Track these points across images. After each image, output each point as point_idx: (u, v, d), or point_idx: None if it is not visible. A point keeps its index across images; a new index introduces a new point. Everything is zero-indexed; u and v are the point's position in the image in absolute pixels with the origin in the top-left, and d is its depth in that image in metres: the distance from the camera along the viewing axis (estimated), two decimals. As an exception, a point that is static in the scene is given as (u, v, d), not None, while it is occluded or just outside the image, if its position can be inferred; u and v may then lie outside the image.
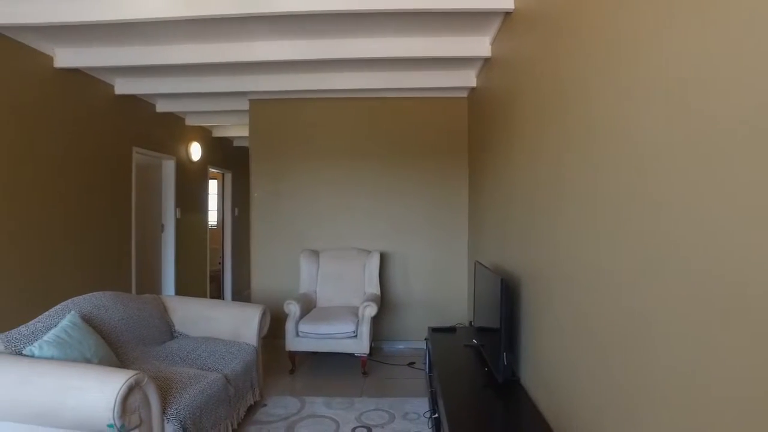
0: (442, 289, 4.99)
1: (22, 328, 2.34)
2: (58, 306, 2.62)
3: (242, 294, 7.88)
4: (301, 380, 4.01)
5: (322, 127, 5.07)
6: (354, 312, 4.20)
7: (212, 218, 7.66)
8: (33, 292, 3.62)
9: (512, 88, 2.96)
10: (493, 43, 3.53)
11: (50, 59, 3.80)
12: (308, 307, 4.34)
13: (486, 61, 3.83)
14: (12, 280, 3.43)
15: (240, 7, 2.83)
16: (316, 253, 4.76)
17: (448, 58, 3.89)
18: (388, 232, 5.01)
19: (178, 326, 3.45)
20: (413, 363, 4.45)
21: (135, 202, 4.94)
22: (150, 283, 5.47)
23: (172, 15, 2.87)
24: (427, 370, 3.76)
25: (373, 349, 4.57)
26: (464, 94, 4.93)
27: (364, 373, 4.11)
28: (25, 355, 2.16)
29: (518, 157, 2.80)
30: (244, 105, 5.25)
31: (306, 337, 4.03)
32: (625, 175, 1.46)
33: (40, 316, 2.50)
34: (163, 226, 5.73)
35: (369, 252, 4.77)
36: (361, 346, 4.02)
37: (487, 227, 3.82)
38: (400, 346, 4.97)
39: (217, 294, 7.58)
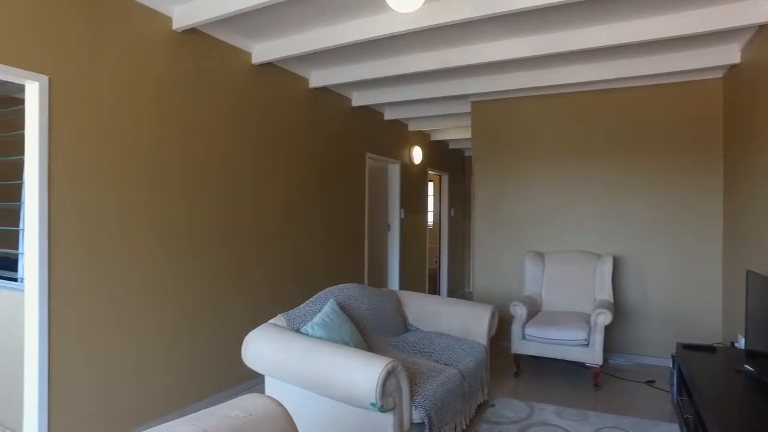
0: (686, 300, 4.32)
1: (297, 311, 2.77)
2: (318, 294, 3.04)
3: (457, 293, 8.09)
4: (526, 384, 3.90)
5: (545, 124, 4.87)
6: (584, 318, 3.92)
7: (429, 219, 8.04)
8: (297, 281, 4.30)
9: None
10: (774, 5, 2.90)
11: (307, 81, 4.46)
12: (534, 310, 4.21)
13: (761, 28, 3.17)
14: (283, 270, 4.14)
15: (478, 10, 2.87)
16: (541, 255, 4.59)
17: (700, 35, 3.34)
18: (619, 234, 4.55)
19: (411, 320, 3.68)
20: (653, 381, 3.95)
21: (368, 204, 5.47)
22: (378, 279, 5.99)
23: (416, 26, 3.06)
24: (675, 392, 3.29)
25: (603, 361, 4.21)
26: (718, 75, 4.18)
27: (596, 386, 3.81)
28: (302, 333, 2.55)
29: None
30: (465, 107, 5.37)
31: (533, 340, 3.91)
32: None
33: (307, 301, 2.93)
34: (389, 225, 6.23)
35: (599, 256, 4.40)
36: (593, 356, 3.73)
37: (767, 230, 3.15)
38: (634, 360, 4.47)
39: (434, 292, 7.92)
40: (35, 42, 2.48)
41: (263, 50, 3.76)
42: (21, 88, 3.40)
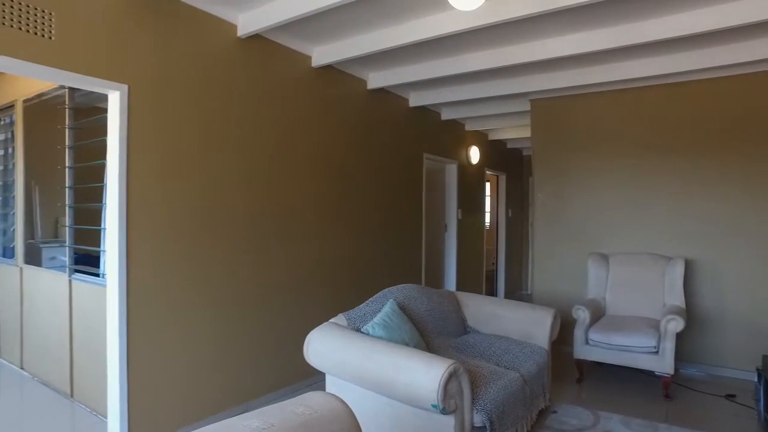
0: (773, 309, 4.01)
1: (357, 310, 2.81)
2: (378, 294, 3.06)
3: (514, 295, 7.92)
4: (589, 391, 3.76)
5: (610, 121, 4.67)
6: (653, 324, 3.73)
7: (486, 219, 7.92)
8: (356, 280, 4.37)
9: None
10: None
11: (365, 83, 4.51)
12: (597, 314, 4.04)
13: None
14: (342, 270, 4.21)
15: (544, 4, 2.78)
16: (605, 257, 4.41)
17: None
18: (691, 235, 4.29)
19: (470, 321, 3.64)
20: (733, 396, 3.69)
21: (425, 205, 5.46)
22: (434, 279, 5.96)
23: (478, 24, 3.02)
24: (762, 408, 3.07)
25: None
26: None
27: (667, 396, 3.61)
28: (362, 333, 2.58)
29: None
30: (524, 106, 5.25)
31: (597, 346, 3.76)
32: None
33: (367, 301, 2.95)
34: (446, 226, 6.18)
35: (669, 258, 4.17)
36: (663, 365, 3.54)
37: None
38: (708, 371, 4.20)
39: (490, 294, 7.78)
40: (116, 54, 2.65)
41: (323, 53, 3.84)
42: (101, 98, 3.64)
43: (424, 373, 2.12)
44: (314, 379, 3.85)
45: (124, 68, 2.68)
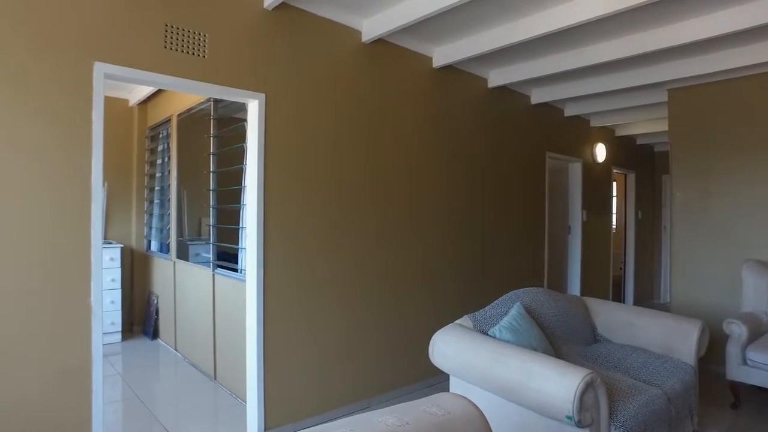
0: None
1: (483, 312, 2.75)
2: (503, 296, 2.97)
3: (644, 303, 7.25)
4: (748, 420, 3.30)
5: (763, 108, 4.08)
6: (831, 346, 3.18)
7: (613, 221, 7.36)
8: (478, 282, 4.31)
9: None
10: None
11: (485, 81, 4.42)
12: (756, 330, 3.54)
13: None
14: (465, 271, 4.17)
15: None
16: (765, 265, 3.86)
17: None
18: None
19: (600, 329, 3.39)
20: None
21: (548, 205, 5.21)
22: (557, 283, 5.66)
23: (607, 11, 2.81)
24: None
25: None
26: None
27: None
28: (489, 336, 2.52)
29: None
30: (658, 97, 4.79)
31: (757, 368, 3.30)
32: None
33: (492, 303, 2.88)
34: (569, 227, 5.85)
35: None
36: None
37: None
38: None
39: (617, 301, 7.21)
40: (256, 66, 2.88)
41: (443, 53, 3.83)
42: (237, 109, 3.99)
43: (558, 382, 2.01)
44: (436, 379, 3.85)
45: (262, 78, 2.90)
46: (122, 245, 4.98)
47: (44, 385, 2.19)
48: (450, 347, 2.49)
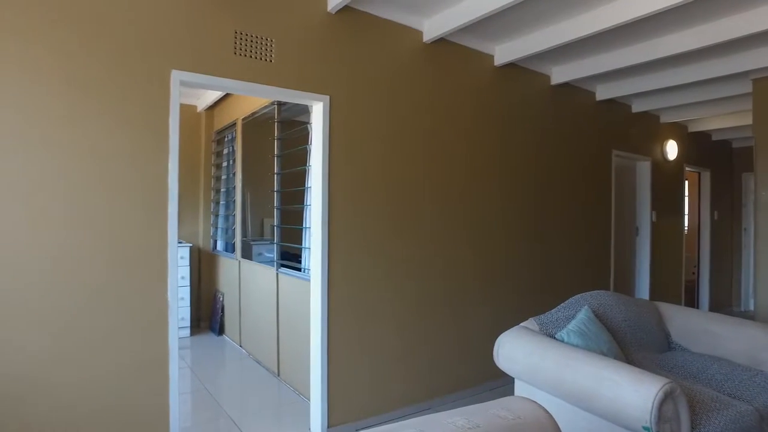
0: None
1: (549, 315, 2.67)
2: (570, 299, 2.87)
3: (722, 311, 6.79)
4: None
5: None
6: None
7: (685, 222, 6.95)
8: (541, 284, 4.20)
9: None
10: None
11: (548, 78, 4.30)
12: None
13: None
14: (527, 273, 4.07)
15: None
16: None
17: None
18: None
19: (675, 337, 3.20)
20: None
21: (614, 206, 4.99)
22: (624, 286, 5.41)
23: (673, 2, 2.66)
24: None
25: None
26: None
27: None
28: (556, 340, 2.44)
29: None
30: (739, 89, 4.47)
31: None
32: None
33: (558, 306, 2.79)
34: (637, 229, 5.57)
35: None
36: None
37: None
38: None
39: (690, 306, 6.79)
40: (320, 68, 2.93)
41: (505, 51, 3.75)
42: (300, 112, 4.09)
43: (633, 390, 1.91)
44: (497, 382, 3.77)
45: (326, 81, 2.96)
46: (191, 245, 5.22)
47: (128, 374, 2.33)
48: (517, 350, 2.43)
